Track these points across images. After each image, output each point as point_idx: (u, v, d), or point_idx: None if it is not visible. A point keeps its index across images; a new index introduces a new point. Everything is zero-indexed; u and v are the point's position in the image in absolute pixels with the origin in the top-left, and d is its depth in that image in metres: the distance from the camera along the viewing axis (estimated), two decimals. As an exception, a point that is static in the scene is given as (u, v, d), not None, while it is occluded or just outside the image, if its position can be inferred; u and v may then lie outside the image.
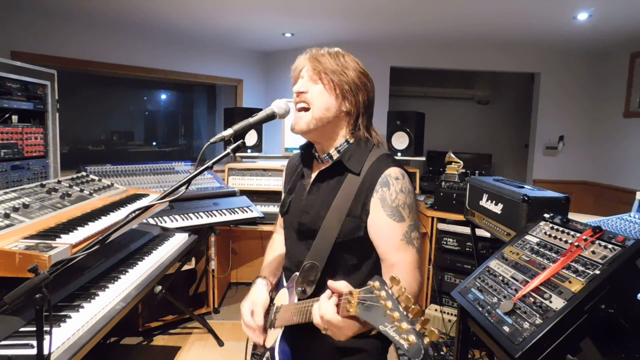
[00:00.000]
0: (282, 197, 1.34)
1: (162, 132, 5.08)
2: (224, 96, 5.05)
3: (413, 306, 0.69)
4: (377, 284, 0.75)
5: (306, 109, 1.14)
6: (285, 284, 1.26)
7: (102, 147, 4.37)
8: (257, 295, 1.24)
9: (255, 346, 1.29)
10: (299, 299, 1.12)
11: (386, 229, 1.08)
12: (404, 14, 3.34)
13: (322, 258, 1.10)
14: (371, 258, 1.14)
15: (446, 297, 3.10)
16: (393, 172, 1.11)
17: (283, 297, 1.23)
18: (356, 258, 1.14)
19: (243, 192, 3.23)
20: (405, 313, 0.68)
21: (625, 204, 2.29)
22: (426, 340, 0.65)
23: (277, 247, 1.39)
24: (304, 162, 1.28)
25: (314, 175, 1.22)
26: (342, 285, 0.85)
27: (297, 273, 1.16)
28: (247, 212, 3.00)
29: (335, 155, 1.18)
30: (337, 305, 0.84)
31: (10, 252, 1.11)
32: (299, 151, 1.33)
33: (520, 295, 1.21)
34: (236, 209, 2.98)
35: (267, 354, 1.16)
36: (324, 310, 0.86)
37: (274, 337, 1.15)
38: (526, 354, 1.05)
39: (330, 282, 0.87)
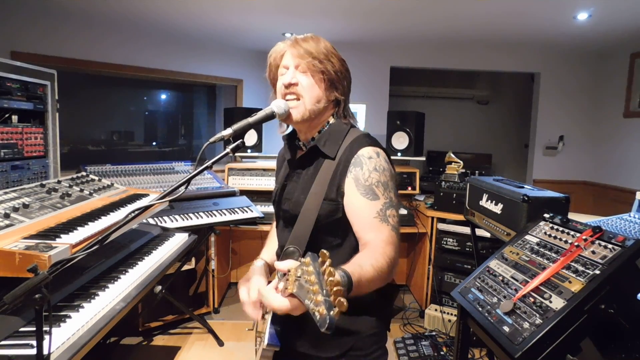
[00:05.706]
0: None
1: (162, 132, 5.08)
2: (224, 96, 5.05)
3: (331, 278, 0.70)
4: (308, 259, 0.77)
5: (297, 99, 1.15)
6: None
7: (102, 147, 4.37)
8: (253, 275, 1.26)
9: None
10: None
11: (360, 208, 1.09)
12: (404, 14, 3.34)
13: (302, 242, 1.11)
14: (352, 236, 1.15)
15: (446, 297, 3.10)
16: (366, 151, 1.12)
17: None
18: (338, 238, 1.16)
19: (243, 192, 3.24)
20: (324, 286, 0.70)
21: (625, 204, 2.29)
22: (335, 311, 0.67)
23: (274, 233, 1.43)
24: (289, 150, 1.31)
25: (295, 163, 1.25)
26: (285, 265, 0.85)
27: None
28: (247, 212, 3.00)
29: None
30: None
31: (10, 252, 1.11)
32: None
33: (520, 295, 1.21)
34: (236, 209, 2.98)
35: (260, 338, 1.20)
36: (268, 297, 0.87)
37: (266, 322, 1.18)
38: (526, 353, 1.05)
39: (276, 264, 0.89)
